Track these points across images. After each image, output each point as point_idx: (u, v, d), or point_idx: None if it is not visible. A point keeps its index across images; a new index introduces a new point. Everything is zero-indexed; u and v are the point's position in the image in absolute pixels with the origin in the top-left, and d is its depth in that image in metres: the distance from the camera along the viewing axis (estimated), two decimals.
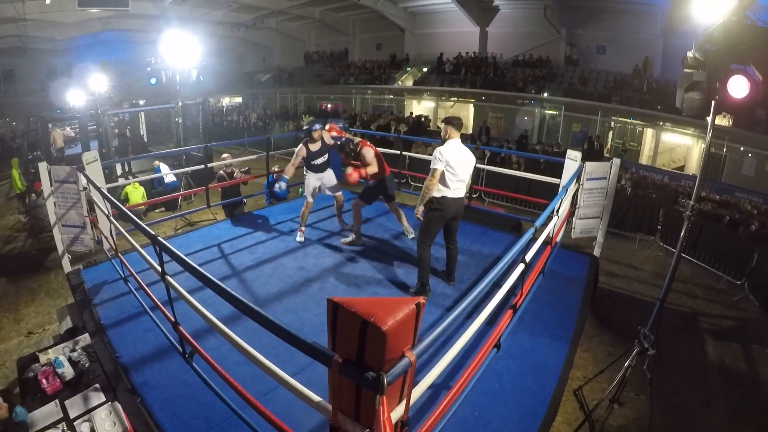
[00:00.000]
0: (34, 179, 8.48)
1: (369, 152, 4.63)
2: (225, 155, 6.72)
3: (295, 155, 4.82)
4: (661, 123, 13.86)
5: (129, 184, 8.21)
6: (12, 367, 4.04)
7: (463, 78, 16.82)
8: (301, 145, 4.80)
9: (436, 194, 3.68)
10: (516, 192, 8.69)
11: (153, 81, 11.39)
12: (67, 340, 3.43)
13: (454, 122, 3.73)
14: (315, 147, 4.78)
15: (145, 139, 12.93)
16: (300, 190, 8.20)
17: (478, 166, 5.97)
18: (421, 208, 3.74)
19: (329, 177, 5.03)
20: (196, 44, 9.05)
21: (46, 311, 5.38)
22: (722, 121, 10.94)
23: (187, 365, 2.66)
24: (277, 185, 4.84)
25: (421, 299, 1.44)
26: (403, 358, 1.40)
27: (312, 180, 4.96)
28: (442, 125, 3.82)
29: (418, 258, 3.90)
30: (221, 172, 7.15)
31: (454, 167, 3.62)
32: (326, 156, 4.89)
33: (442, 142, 3.74)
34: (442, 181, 3.64)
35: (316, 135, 4.75)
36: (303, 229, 5.04)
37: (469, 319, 2.44)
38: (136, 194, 8.28)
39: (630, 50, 14.42)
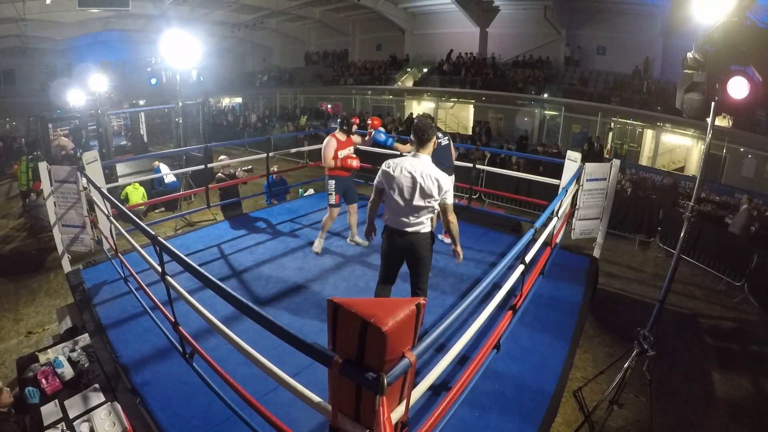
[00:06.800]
0: (34, 179, 8.44)
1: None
2: (222, 157, 6.70)
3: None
4: (661, 124, 13.87)
5: (129, 184, 8.21)
6: (11, 367, 4.03)
7: (463, 78, 16.81)
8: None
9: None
10: (516, 193, 8.69)
11: (153, 81, 11.39)
12: (66, 340, 3.43)
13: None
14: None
15: (145, 140, 12.93)
16: (300, 190, 8.22)
17: (478, 167, 5.99)
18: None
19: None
20: (197, 44, 9.03)
21: (46, 311, 5.37)
22: (722, 122, 10.94)
23: (187, 365, 2.65)
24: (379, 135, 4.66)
25: (422, 300, 1.45)
26: (403, 358, 1.40)
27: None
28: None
29: None
30: (220, 174, 7.15)
31: None
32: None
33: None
34: None
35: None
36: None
37: (469, 320, 2.45)
38: (136, 194, 8.29)
39: (630, 51, 14.43)
